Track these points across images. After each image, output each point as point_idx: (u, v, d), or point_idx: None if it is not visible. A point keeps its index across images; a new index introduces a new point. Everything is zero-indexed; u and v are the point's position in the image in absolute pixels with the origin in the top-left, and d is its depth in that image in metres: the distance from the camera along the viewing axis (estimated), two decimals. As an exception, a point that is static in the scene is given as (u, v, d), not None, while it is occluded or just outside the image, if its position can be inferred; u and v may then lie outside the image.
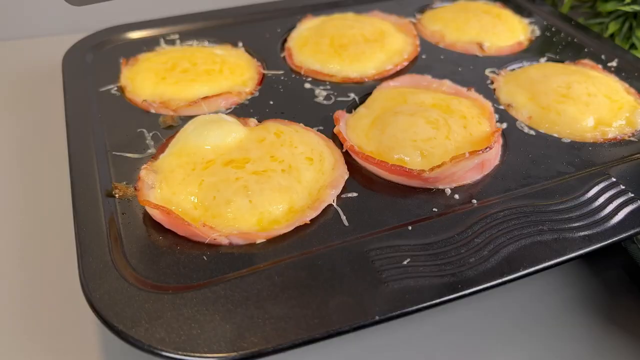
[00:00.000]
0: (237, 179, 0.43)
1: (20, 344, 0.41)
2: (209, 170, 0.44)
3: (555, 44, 0.68)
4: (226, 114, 0.53)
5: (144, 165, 0.45)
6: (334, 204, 0.44)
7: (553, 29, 0.71)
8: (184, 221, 0.40)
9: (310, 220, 0.42)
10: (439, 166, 0.44)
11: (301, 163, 0.46)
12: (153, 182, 0.44)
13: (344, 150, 0.49)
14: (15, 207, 0.53)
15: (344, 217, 0.43)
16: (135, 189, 0.44)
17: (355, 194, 0.45)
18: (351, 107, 0.56)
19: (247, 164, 0.45)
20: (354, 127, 0.52)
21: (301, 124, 0.51)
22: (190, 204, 0.43)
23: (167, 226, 0.41)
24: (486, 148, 0.46)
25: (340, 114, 0.52)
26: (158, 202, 0.42)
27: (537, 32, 0.70)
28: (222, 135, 0.47)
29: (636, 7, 0.67)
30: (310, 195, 0.45)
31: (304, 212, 0.43)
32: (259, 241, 0.41)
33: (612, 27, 0.70)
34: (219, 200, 0.42)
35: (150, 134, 0.51)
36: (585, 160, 0.49)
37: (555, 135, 0.53)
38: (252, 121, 0.52)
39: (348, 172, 0.47)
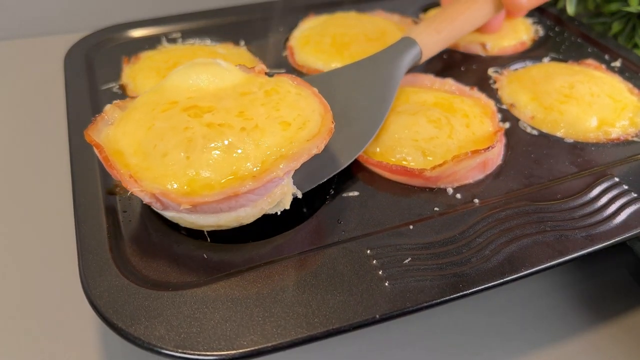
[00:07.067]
0: (185, 129, 0.38)
1: (19, 341, 0.41)
2: (167, 113, 0.39)
3: (559, 44, 0.67)
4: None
5: (116, 101, 0.42)
6: (285, 183, 0.38)
7: (556, 29, 0.71)
8: (111, 166, 0.37)
9: (311, 218, 0.42)
10: (440, 165, 0.44)
11: (271, 126, 0.39)
12: (113, 120, 0.40)
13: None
14: (16, 205, 0.53)
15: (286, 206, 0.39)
16: (92, 121, 0.40)
17: (356, 193, 0.45)
18: (353, 106, 0.56)
19: (207, 114, 0.39)
20: (356, 126, 0.51)
21: (316, 89, 0.44)
22: (132, 149, 0.38)
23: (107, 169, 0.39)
24: (488, 147, 0.46)
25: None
26: (102, 141, 0.39)
27: (541, 32, 0.70)
28: (204, 78, 0.41)
29: (640, 8, 0.67)
30: (263, 163, 0.37)
31: (244, 181, 0.36)
32: (183, 207, 0.36)
33: (616, 27, 0.70)
34: (158, 150, 0.37)
35: (152, 132, 0.51)
36: (588, 160, 0.49)
37: (558, 135, 0.52)
38: (262, 71, 0.45)
39: (320, 149, 0.39)
